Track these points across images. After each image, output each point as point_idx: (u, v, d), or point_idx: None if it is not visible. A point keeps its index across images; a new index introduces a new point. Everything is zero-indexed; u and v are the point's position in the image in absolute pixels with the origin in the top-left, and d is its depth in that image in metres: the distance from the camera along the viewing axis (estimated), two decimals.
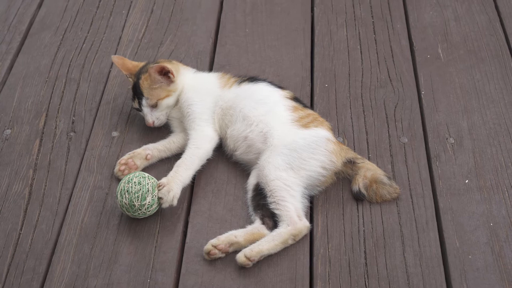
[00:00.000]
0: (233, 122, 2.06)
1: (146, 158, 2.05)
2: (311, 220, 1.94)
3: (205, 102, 2.10)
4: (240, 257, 1.81)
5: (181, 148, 2.07)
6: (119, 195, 1.88)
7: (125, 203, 1.88)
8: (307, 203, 1.95)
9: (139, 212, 1.88)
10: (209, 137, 2.05)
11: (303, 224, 1.87)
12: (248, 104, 2.06)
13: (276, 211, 1.89)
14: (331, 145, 1.98)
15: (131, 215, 1.90)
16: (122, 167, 2.02)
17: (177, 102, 2.13)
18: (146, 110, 2.10)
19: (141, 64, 2.18)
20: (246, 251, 1.81)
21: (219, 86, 2.14)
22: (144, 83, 2.09)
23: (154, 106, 2.09)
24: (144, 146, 2.08)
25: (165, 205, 1.90)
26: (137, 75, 2.12)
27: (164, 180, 1.91)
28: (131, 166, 2.02)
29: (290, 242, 1.86)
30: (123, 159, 2.04)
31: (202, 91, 2.12)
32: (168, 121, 2.17)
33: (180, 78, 2.13)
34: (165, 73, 2.09)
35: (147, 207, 1.88)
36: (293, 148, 1.96)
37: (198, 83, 2.15)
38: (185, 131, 2.10)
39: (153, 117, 2.10)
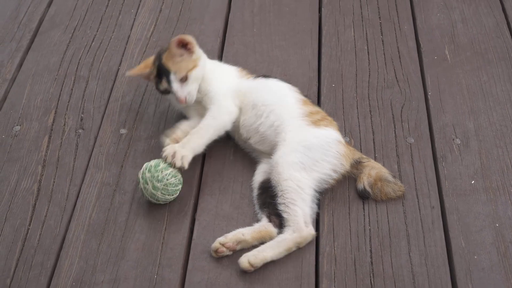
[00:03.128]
0: (245, 111, 2.07)
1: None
2: (317, 219, 1.94)
3: (225, 82, 2.11)
4: (244, 262, 1.81)
5: None
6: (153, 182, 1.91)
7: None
8: (317, 209, 1.94)
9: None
10: (227, 109, 2.05)
11: (309, 232, 1.87)
12: (260, 95, 2.08)
13: (284, 214, 1.88)
14: (342, 148, 1.99)
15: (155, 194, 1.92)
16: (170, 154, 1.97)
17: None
18: (176, 86, 2.03)
19: (152, 56, 2.17)
20: (251, 257, 1.81)
21: (238, 76, 2.16)
22: (168, 61, 2.05)
23: (184, 79, 2.04)
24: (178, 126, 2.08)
25: (178, 163, 1.91)
26: (158, 59, 2.09)
27: (169, 148, 1.94)
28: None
29: (294, 249, 1.86)
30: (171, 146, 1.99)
31: (222, 73, 2.14)
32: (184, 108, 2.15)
33: (199, 52, 2.12)
34: (185, 45, 2.07)
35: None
36: (307, 146, 1.95)
37: (219, 68, 2.17)
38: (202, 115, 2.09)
39: (184, 92, 2.03)
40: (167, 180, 1.91)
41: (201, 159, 2.10)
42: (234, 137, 2.13)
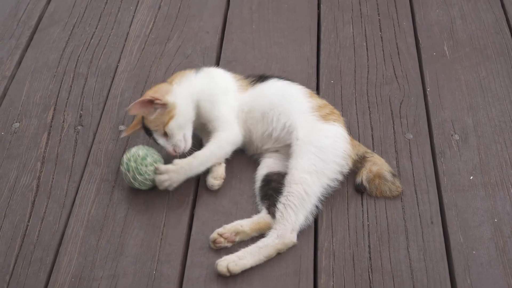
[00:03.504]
0: (254, 125, 2.04)
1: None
2: (315, 214, 1.94)
3: (228, 104, 2.04)
4: (222, 266, 1.79)
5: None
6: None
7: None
8: (311, 220, 1.91)
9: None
10: (235, 139, 2.01)
11: (290, 239, 1.85)
12: (265, 101, 2.03)
13: (277, 214, 1.87)
14: (348, 147, 1.98)
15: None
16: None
17: (194, 111, 2.03)
18: (162, 141, 1.99)
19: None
20: (230, 263, 1.79)
21: (237, 90, 2.08)
22: (146, 120, 2.00)
23: (166, 134, 1.98)
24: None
25: (162, 187, 1.96)
26: (142, 117, 2.03)
27: (164, 168, 1.94)
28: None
29: (275, 255, 1.85)
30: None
31: (221, 93, 2.06)
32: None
33: (178, 91, 2.01)
34: (151, 102, 1.97)
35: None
36: (319, 147, 1.93)
37: (215, 85, 2.08)
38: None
39: (170, 146, 1.99)
40: (148, 175, 1.94)
41: None
42: (245, 150, 2.09)
